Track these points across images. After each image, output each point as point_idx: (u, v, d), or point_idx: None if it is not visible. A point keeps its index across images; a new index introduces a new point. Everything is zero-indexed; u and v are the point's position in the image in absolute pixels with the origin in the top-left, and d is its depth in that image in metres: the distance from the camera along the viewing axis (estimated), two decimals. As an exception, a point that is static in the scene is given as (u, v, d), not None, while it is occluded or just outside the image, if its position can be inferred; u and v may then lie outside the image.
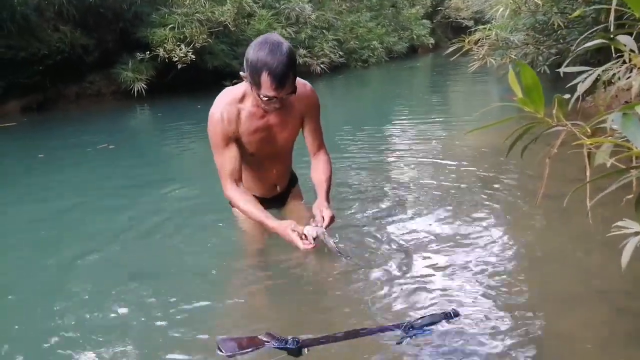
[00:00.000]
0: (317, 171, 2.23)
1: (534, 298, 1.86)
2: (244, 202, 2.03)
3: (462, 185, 3.11)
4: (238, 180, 2.06)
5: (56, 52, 7.98)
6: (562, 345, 1.58)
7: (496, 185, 3.06)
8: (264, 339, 1.48)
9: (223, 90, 2.08)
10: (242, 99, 2.00)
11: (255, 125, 2.03)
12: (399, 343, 1.52)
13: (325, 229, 1.97)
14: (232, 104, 2.00)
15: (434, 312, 1.66)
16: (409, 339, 1.53)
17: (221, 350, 1.44)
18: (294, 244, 1.91)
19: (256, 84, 1.83)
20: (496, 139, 4.35)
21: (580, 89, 1.92)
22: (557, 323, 1.69)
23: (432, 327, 1.58)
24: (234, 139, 2.02)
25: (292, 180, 2.49)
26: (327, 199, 2.14)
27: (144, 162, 4.67)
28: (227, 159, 2.02)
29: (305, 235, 1.92)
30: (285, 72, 1.80)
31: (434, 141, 4.71)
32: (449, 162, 3.77)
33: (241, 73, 1.92)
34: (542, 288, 1.92)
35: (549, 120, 0.96)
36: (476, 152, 4.09)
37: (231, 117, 1.99)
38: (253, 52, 1.81)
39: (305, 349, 1.45)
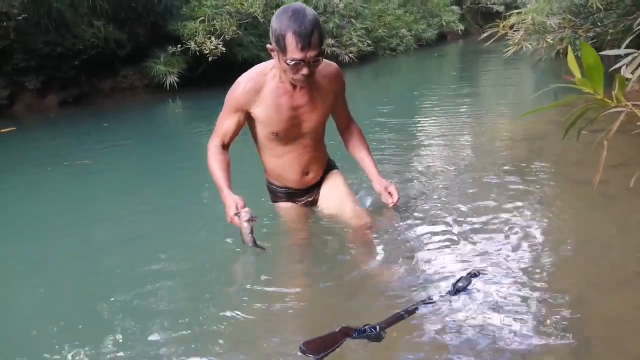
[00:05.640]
0: (356, 146, 2.29)
1: (579, 281, 1.84)
2: (214, 159, 2.05)
3: (503, 171, 3.07)
4: (226, 143, 2.11)
5: (90, 47, 8.16)
6: (611, 328, 1.56)
7: (538, 172, 3.01)
8: (343, 332, 1.52)
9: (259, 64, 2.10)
10: (270, 72, 2.00)
11: (278, 102, 2.00)
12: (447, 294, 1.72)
13: (397, 202, 2.21)
14: (259, 75, 2.01)
15: (460, 277, 1.81)
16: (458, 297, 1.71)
17: (308, 354, 1.45)
18: (228, 214, 1.94)
19: (282, 49, 1.81)
20: (536, 125, 4.28)
21: (626, 71, 1.86)
22: (605, 306, 1.67)
23: (473, 284, 1.77)
24: (246, 111, 2.03)
25: (328, 169, 2.41)
26: (379, 173, 2.24)
27: (177, 154, 4.74)
28: (227, 122, 2.07)
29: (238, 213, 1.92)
30: (311, 31, 1.77)
31: (469, 129, 4.65)
32: (490, 149, 3.73)
33: (268, 45, 1.91)
34: (587, 272, 1.90)
35: (608, 100, 0.93)
36: (517, 139, 4.02)
37: (253, 88, 1.99)
38: (277, 19, 1.81)
39: (383, 332, 1.51)
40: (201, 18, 8.85)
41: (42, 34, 7.61)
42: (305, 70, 1.85)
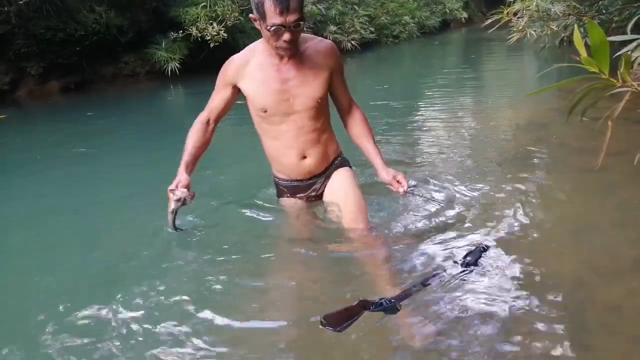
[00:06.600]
0: (359, 133, 2.18)
1: (579, 266, 1.85)
2: (193, 134, 2.10)
3: (503, 157, 3.08)
4: (212, 120, 2.15)
5: (92, 33, 8.12)
6: (610, 313, 1.58)
7: (540, 158, 3.02)
8: (361, 305, 1.58)
9: None
10: (259, 47, 2.00)
11: (263, 74, 1.98)
12: (465, 271, 1.79)
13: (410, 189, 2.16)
14: (250, 51, 2.03)
15: (469, 251, 1.90)
16: (468, 271, 1.79)
17: (328, 327, 1.51)
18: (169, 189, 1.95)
19: (262, 16, 1.80)
20: (538, 112, 4.27)
21: (632, 55, 1.86)
22: (604, 293, 1.69)
23: (481, 259, 1.85)
24: (234, 85, 2.05)
25: (336, 163, 2.26)
26: (384, 162, 2.14)
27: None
28: (217, 98, 2.12)
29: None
30: None
31: (472, 115, 4.65)
32: (493, 135, 3.73)
33: (250, 15, 1.90)
34: (587, 257, 1.91)
35: (613, 80, 0.93)
36: (519, 125, 4.03)
37: (241, 62, 2.02)
38: None
39: (399, 305, 1.58)
40: (203, 4, 8.80)
41: (44, 19, 7.57)
42: (286, 36, 1.83)
